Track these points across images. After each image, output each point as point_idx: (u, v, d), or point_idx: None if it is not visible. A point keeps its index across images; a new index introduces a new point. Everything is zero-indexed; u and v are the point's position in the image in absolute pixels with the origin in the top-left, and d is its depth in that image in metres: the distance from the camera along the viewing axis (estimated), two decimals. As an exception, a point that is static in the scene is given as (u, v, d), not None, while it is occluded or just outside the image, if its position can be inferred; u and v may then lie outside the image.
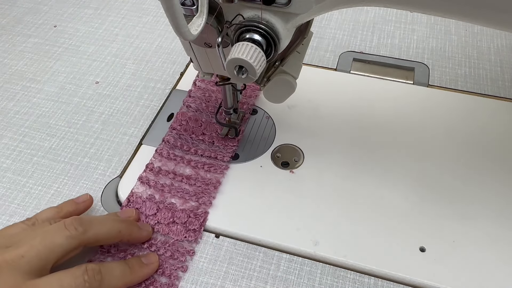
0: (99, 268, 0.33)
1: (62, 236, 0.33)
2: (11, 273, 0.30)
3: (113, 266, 0.35)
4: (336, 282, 0.37)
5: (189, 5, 0.30)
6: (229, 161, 0.45)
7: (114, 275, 0.34)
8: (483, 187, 0.43)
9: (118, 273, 0.35)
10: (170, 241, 0.39)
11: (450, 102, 0.50)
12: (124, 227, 0.37)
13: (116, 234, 0.37)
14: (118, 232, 0.37)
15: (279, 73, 0.39)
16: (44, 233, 0.33)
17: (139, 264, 0.37)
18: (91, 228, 0.35)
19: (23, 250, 0.32)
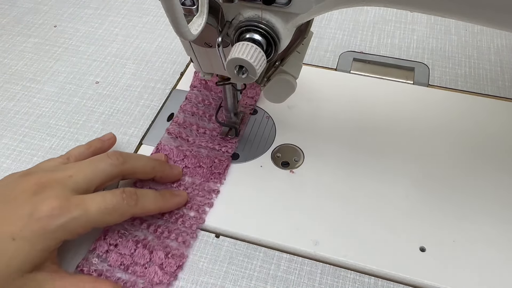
0: (135, 191, 0.37)
1: (106, 163, 0.37)
2: (61, 188, 0.34)
3: (148, 191, 0.39)
4: (336, 282, 0.37)
5: (189, 5, 0.30)
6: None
7: (148, 198, 0.38)
8: (483, 187, 0.43)
9: (151, 197, 0.38)
10: (197, 182, 0.43)
11: (450, 102, 0.50)
12: (157, 164, 0.41)
13: (150, 170, 0.41)
14: (152, 168, 0.41)
15: (279, 73, 0.39)
16: (90, 160, 0.38)
17: (171, 193, 0.41)
18: (130, 160, 0.39)
19: (71, 172, 0.36)
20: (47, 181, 0.35)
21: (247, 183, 0.43)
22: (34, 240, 0.32)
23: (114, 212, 0.35)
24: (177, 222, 0.40)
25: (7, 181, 0.37)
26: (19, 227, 0.32)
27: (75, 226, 0.34)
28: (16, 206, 0.33)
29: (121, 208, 0.36)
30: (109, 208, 0.35)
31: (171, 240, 0.39)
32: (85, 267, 0.38)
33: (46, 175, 0.36)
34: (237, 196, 0.42)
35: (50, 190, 0.34)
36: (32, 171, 0.38)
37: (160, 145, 0.46)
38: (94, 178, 0.37)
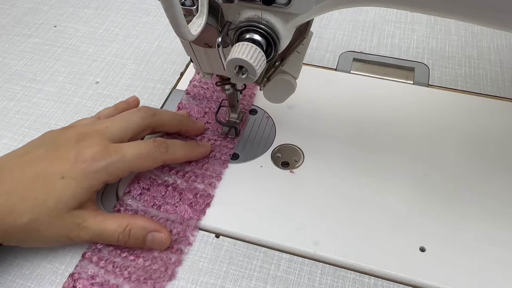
0: (165, 140, 0.41)
1: (137, 115, 0.41)
2: (100, 137, 0.39)
3: (176, 141, 0.43)
4: (336, 282, 0.37)
5: (189, 5, 0.30)
6: (228, 157, 0.45)
7: (177, 146, 0.42)
8: (483, 187, 0.43)
9: (180, 145, 0.43)
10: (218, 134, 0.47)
11: (450, 102, 0.50)
12: (182, 118, 0.46)
13: (177, 123, 0.45)
14: (178, 121, 0.45)
15: (279, 73, 0.39)
16: (122, 114, 0.42)
17: (196, 143, 0.45)
18: (158, 113, 0.43)
19: (107, 123, 0.40)
20: (87, 132, 0.39)
21: (247, 183, 0.43)
22: (80, 179, 0.37)
23: (147, 158, 0.39)
24: (203, 167, 0.44)
25: (49, 134, 0.41)
26: (67, 167, 0.37)
27: (114, 169, 0.38)
28: (63, 150, 0.38)
29: (153, 154, 0.40)
30: (143, 154, 0.39)
31: (198, 183, 0.43)
32: (121, 207, 0.41)
33: (85, 127, 0.40)
34: (237, 196, 0.43)
35: (91, 139, 0.39)
36: (71, 126, 0.42)
37: (181, 104, 0.49)
38: (128, 129, 0.41)
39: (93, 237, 0.37)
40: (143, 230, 0.38)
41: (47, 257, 0.40)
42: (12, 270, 0.39)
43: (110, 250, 0.39)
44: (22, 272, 0.39)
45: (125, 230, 0.38)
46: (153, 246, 0.38)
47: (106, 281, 0.37)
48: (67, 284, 0.37)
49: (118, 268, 0.38)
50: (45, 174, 0.37)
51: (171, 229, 0.40)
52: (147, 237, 0.38)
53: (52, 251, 0.40)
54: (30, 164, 0.37)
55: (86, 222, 0.37)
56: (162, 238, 0.38)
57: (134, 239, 0.38)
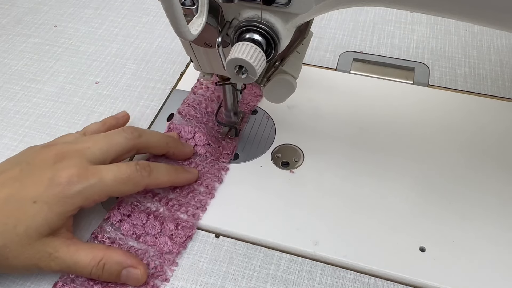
0: (149, 163, 0.39)
1: (121, 136, 0.39)
2: (79, 158, 0.37)
3: (160, 164, 0.41)
4: (336, 282, 0.37)
5: (189, 5, 0.30)
6: (229, 161, 0.45)
7: (161, 170, 0.40)
8: (483, 187, 0.43)
9: (164, 169, 0.40)
10: (208, 160, 0.45)
11: (450, 102, 0.50)
12: (171, 140, 0.43)
13: (164, 145, 0.42)
14: (166, 144, 0.43)
15: (279, 73, 0.39)
16: (106, 134, 0.40)
17: (182, 168, 0.42)
18: (144, 134, 0.41)
19: (89, 144, 0.38)
20: (67, 152, 0.37)
21: (247, 183, 0.43)
22: (53, 204, 0.34)
23: (128, 182, 0.37)
24: (188, 196, 0.42)
25: (28, 152, 0.39)
26: (40, 191, 0.34)
27: (91, 193, 0.36)
28: (37, 172, 0.36)
29: (135, 178, 0.37)
30: (123, 178, 0.37)
31: (181, 213, 0.41)
32: (99, 234, 0.39)
33: (65, 146, 0.38)
34: (237, 196, 0.42)
35: (69, 160, 0.36)
36: (52, 144, 0.40)
37: (172, 124, 0.47)
38: (110, 150, 0.38)
39: (64, 269, 0.35)
40: (118, 266, 0.36)
41: (47, 257, 0.39)
42: (12, 270, 0.39)
43: (83, 280, 0.37)
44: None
45: (99, 264, 0.35)
46: (128, 282, 0.36)
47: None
48: (60, 285, 0.36)
49: None
50: (17, 197, 0.35)
51: (148, 262, 0.38)
52: (121, 272, 0.36)
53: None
54: (2, 185, 0.36)
55: (58, 252, 0.35)
56: (138, 275, 0.36)
57: (108, 273, 0.36)
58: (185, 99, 0.49)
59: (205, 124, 0.47)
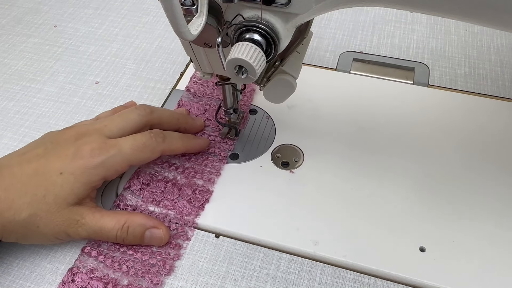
0: (162, 131, 0.42)
1: (135, 113, 0.42)
2: (98, 135, 0.40)
3: (173, 132, 0.43)
4: (336, 282, 0.37)
5: (189, 5, 0.30)
6: (228, 157, 0.45)
7: (174, 136, 0.43)
8: (483, 187, 0.43)
9: (177, 135, 0.43)
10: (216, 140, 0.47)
11: (450, 102, 0.50)
12: (181, 116, 0.46)
13: (175, 121, 0.45)
14: (177, 120, 0.45)
15: (279, 73, 0.39)
16: (120, 113, 0.42)
17: (193, 136, 0.46)
18: (156, 111, 0.43)
19: (106, 123, 0.41)
20: (86, 131, 0.40)
21: (247, 183, 0.43)
22: (78, 174, 0.37)
23: (145, 149, 0.40)
24: (202, 163, 0.44)
25: (50, 135, 0.42)
26: (66, 163, 0.37)
27: (112, 163, 0.38)
28: (61, 148, 0.39)
29: (150, 144, 0.40)
30: (140, 146, 0.40)
31: (198, 179, 0.43)
32: (121, 202, 0.42)
33: (84, 127, 0.41)
34: (237, 196, 0.42)
35: (89, 136, 0.39)
36: (70, 126, 0.42)
37: (181, 101, 0.50)
38: (126, 127, 0.41)
39: (91, 234, 0.38)
40: (141, 227, 0.38)
41: (47, 257, 0.40)
42: (12, 270, 0.39)
43: (110, 244, 0.39)
44: (22, 272, 0.39)
45: (123, 227, 0.38)
46: (151, 242, 0.39)
47: (105, 275, 0.37)
48: (66, 278, 0.37)
49: (117, 263, 0.38)
50: (44, 170, 0.37)
51: (169, 225, 0.40)
52: (145, 234, 0.38)
53: (51, 251, 0.40)
54: (29, 162, 0.38)
55: (84, 219, 0.37)
56: (161, 235, 0.39)
57: (132, 236, 0.38)
58: (192, 76, 0.51)
59: (215, 99, 0.49)
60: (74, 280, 0.37)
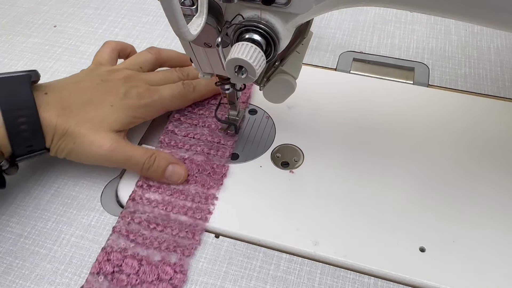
0: (192, 81, 0.48)
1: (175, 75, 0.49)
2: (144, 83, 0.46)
3: (200, 80, 0.48)
4: (336, 282, 0.37)
5: (188, 5, 0.30)
6: (229, 159, 0.45)
7: (202, 83, 0.48)
8: (483, 187, 0.43)
9: (204, 82, 0.48)
10: None
11: (450, 102, 0.50)
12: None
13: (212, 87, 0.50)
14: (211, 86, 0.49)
15: (279, 73, 0.39)
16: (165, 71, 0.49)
17: None
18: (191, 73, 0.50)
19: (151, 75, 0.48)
20: (132, 77, 0.46)
21: (246, 183, 0.43)
22: (126, 109, 0.43)
23: (180, 97, 0.47)
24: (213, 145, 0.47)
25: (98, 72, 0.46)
26: (117, 100, 0.43)
27: (154, 106, 0.45)
28: (113, 87, 0.44)
29: (184, 93, 0.47)
30: (176, 94, 0.46)
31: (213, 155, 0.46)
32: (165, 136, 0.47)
33: (130, 72, 0.47)
34: (237, 196, 0.42)
35: (136, 82, 0.45)
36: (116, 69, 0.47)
37: None
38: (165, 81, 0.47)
39: (122, 159, 0.42)
40: (166, 161, 0.43)
41: (47, 257, 0.40)
42: (11, 270, 0.39)
43: (138, 222, 0.41)
44: (22, 272, 0.39)
45: (151, 157, 0.42)
46: (172, 177, 0.43)
47: (137, 253, 0.39)
48: (101, 258, 0.38)
49: (148, 240, 0.39)
50: (98, 101, 0.43)
51: (193, 198, 0.42)
52: (168, 167, 0.43)
53: (51, 251, 0.40)
54: (85, 91, 0.43)
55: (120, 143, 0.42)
56: (181, 171, 0.43)
57: (157, 166, 0.42)
58: None
59: None
60: (110, 259, 0.38)
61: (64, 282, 0.38)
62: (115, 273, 0.38)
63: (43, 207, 0.43)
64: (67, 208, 0.43)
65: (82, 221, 0.42)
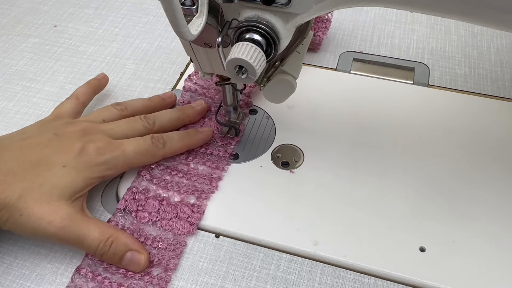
0: (162, 135, 0.43)
1: (140, 124, 0.44)
2: (103, 135, 0.41)
3: (173, 133, 0.44)
4: (336, 282, 0.37)
5: (189, 5, 0.30)
6: (229, 159, 0.45)
7: (174, 139, 0.44)
8: (483, 187, 0.43)
9: (177, 137, 0.44)
10: None
11: (450, 102, 0.50)
12: (180, 113, 0.47)
13: (176, 121, 0.46)
14: (178, 119, 0.46)
15: (279, 73, 0.39)
16: (127, 119, 0.44)
17: (195, 131, 0.46)
18: (158, 120, 0.45)
19: (113, 126, 0.43)
20: (92, 129, 0.42)
21: (247, 183, 0.43)
22: (81, 169, 0.38)
23: (146, 153, 0.42)
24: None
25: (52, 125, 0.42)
26: (70, 158, 0.38)
27: (115, 163, 0.40)
28: (67, 142, 0.40)
29: (152, 150, 0.42)
30: (142, 150, 0.41)
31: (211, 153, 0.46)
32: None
33: (89, 125, 0.42)
34: (237, 196, 0.42)
35: (95, 135, 0.41)
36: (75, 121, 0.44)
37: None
38: (129, 134, 0.43)
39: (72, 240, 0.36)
40: (124, 246, 0.37)
41: (47, 257, 0.40)
42: (12, 270, 0.39)
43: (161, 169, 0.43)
44: (22, 272, 0.39)
45: (107, 240, 0.37)
46: (129, 266, 0.37)
47: (159, 194, 0.42)
48: (128, 196, 0.41)
49: (169, 184, 0.42)
50: (47, 162, 0.38)
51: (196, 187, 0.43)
52: (126, 254, 0.37)
53: (51, 251, 0.40)
54: (33, 149, 0.39)
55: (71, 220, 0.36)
56: (140, 261, 0.37)
57: (113, 253, 0.37)
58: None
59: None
60: (135, 198, 0.41)
61: (64, 282, 0.38)
62: (139, 212, 0.41)
63: (43, 207, 0.43)
64: (67, 208, 0.43)
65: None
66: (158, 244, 0.39)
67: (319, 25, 0.55)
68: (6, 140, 0.40)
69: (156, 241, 0.39)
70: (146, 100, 0.48)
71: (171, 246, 0.39)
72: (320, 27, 0.55)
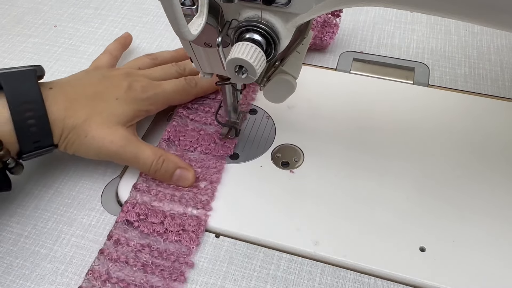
0: (193, 77, 0.49)
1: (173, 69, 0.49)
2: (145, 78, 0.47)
3: None
4: (336, 282, 0.37)
5: (189, 5, 0.30)
6: (227, 157, 0.45)
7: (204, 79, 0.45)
8: (483, 187, 0.43)
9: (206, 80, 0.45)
10: None
11: (450, 102, 0.50)
12: None
13: None
14: None
15: (279, 73, 0.39)
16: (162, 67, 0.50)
17: None
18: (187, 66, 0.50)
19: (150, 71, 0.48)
20: (134, 73, 0.47)
21: (247, 183, 0.43)
22: (130, 102, 0.44)
23: (183, 91, 0.48)
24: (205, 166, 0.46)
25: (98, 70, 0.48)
26: (121, 93, 0.44)
27: (156, 99, 0.46)
28: (116, 81, 0.45)
29: (187, 88, 0.48)
30: (179, 88, 0.47)
31: None
32: None
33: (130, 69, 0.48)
34: (237, 196, 0.43)
35: (138, 77, 0.46)
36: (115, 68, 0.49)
37: None
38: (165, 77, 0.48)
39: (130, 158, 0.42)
40: (174, 164, 0.42)
41: (47, 257, 0.40)
42: (12, 270, 0.39)
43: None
44: (22, 272, 0.39)
45: (159, 159, 0.42)
46: (179, 181, 0.43)
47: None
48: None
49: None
50: (103, 94, 0.43)
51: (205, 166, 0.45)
52: (175, 171, 0.42)
53: (51, 251, 0.40)
54: (88, 86, 0.44)
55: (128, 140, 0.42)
56: (189, 177, 0.43)
57: (165, 170, 0.42)
58: None
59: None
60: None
61: (64, 282, 0.38)
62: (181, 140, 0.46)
63: (44, 207, 0.43)
64: (67, 208, 0.43)
65: (82, 221, 0.42)
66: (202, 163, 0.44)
67: (326, 30, 0.55)
68: (64, 79, 0.45)
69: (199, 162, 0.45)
70: (173, 52, 0.53)
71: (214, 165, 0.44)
72: (327, 32, 0.55)
